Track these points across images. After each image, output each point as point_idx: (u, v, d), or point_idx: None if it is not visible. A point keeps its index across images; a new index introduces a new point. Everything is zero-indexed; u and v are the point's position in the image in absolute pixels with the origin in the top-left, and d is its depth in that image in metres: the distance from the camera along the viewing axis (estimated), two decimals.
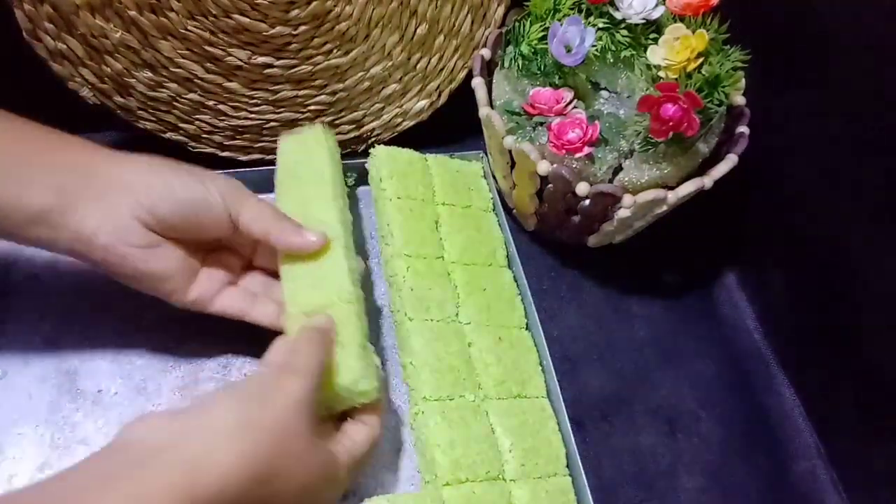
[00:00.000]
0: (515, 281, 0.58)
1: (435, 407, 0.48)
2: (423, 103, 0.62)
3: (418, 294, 0.52)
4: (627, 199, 0.50)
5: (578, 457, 0.49)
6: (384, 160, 0.58)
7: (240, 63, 0.54)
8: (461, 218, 0.59)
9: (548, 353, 0.53)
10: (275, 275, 0.49)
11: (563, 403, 0.51)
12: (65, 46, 0.51)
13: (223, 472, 0.33)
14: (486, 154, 0.62)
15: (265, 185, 0.60)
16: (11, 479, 0.45)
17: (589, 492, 0.48)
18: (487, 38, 0.59)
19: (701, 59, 0.48)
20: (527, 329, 0.55)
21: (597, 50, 0.52)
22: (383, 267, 0.56)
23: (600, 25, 0.52)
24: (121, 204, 0.42)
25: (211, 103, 0.57)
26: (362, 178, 0.61)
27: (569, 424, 0.50)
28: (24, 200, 0.40)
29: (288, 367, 0.40)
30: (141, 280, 0.44)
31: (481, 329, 0.53)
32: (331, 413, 0.44)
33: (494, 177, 0.62)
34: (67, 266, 0.52)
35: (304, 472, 0.37)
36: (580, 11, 0.52)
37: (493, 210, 0.61)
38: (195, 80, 0.55)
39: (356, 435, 0.43)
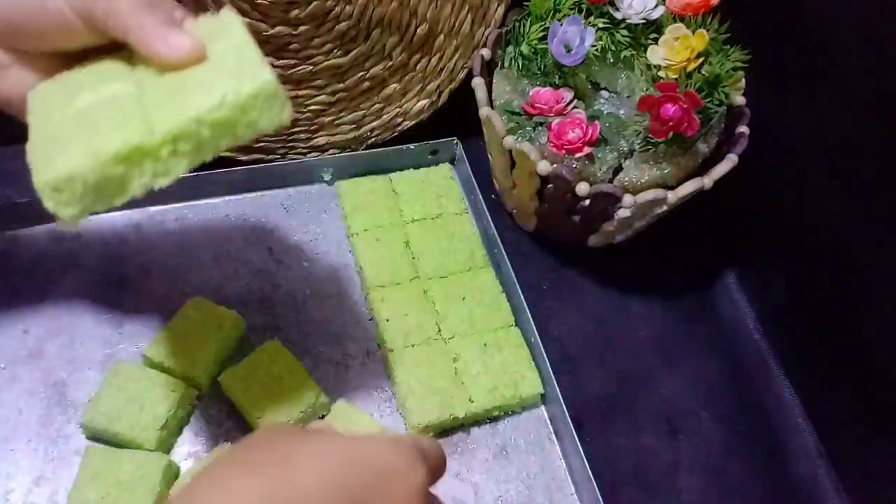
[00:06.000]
0: (497, 279, 0.57)
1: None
2: (423, 103, 0.62)
3: (395, 324, 0.54)
4: (627, 199, 0.50)
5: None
6: (347, 195, 0.59)
7: None
8: (432, 230, 0.59)
9: (542, 348, 0.53)
10: None
11: (563, 403, 0.51)
12: None
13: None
14: (488, 153, 0.62)
15: (267, 183, 0.61)
16: (7, 496, 0.44)
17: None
18: (487, 38, 0.59)
19: (701, 59, 0.48)
20: (515, 326, 0.55)
21: (597, 50, 0.52)
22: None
23: (600, 25, 0.52)
24: None
25: None
26: (339, 173, 0.62)
27: (571, 426, 0.50)
28: None
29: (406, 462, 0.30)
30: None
31: (465, 340, 0.54)
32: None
33: (494, 176, 0.62)
34: (45, 278, 0.53)
35: None
36: (580, 11, 0.52)
37: (467, 211, 0.62)
38: None
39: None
